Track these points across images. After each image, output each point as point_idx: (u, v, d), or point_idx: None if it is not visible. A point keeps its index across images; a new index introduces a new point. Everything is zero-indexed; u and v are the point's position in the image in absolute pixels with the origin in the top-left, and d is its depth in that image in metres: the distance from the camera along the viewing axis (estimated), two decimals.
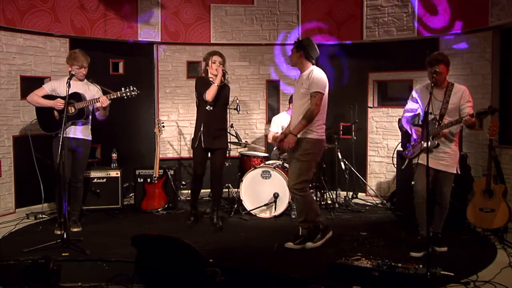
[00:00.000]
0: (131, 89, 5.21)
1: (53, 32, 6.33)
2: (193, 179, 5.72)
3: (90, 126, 5.43)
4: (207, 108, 5.39)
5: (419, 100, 4.66)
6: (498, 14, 5.67)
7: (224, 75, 5.41)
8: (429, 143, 4.12)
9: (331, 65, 7.37)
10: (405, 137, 4.97)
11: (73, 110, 5.14)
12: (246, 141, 6.79)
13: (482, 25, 5.91)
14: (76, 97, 5.14)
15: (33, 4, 6.07)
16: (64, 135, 4.69)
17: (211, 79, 5.41)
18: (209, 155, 5.56)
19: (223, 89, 5.43)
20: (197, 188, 5.73)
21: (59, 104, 5.14)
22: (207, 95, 5.29)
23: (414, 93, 4.74)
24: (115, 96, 5.21)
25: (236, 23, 7.35)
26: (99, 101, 5.15)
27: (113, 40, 6.90)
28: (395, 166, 5.95)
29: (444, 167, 4.50)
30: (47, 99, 5.25)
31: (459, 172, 4.58)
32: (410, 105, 4.75)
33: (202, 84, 5.41)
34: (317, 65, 4.88)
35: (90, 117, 5.41)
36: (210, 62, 5.40)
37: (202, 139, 5.39)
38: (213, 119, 5.42)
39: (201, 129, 5.40)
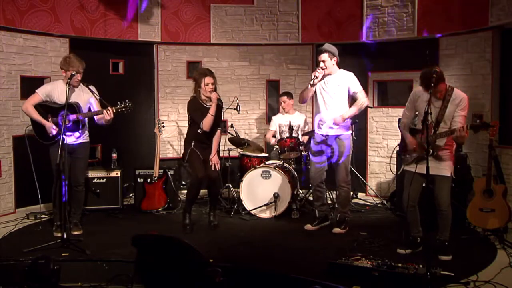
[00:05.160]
0: (127, 104, 5.10)
1: (53, 32, 6.33)
2: (194, 184, 5.37)
3: (87, 130, 5.32)
4: (198, 131, 5.30)
5: (415, 104, 4.54)
6: (498, 14, 5.67)
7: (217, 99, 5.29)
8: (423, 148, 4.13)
9: None
10: (403, 140, 4.93)
11: (67, 122, 4.91)
12: (247, 140, 6.76)
13: (482, 25, 5.91)
14: (71, 108, 4.95)
15: (33, 4, 6.07)
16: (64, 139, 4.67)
17: (204, 101, 5.34)
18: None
19: (216, 110, 5.30)
20: (196, 194, 5.48)
21: (52, 130, 5.02)
22: (204, 126, 5.22)
23: (411, 97, 4.62)
24: (114, 111, 5.08)
25: (236, 23, 7.34)
26: (100, 113, 5.05)
27: (113, 40, 6.90)
28: (391, 169, 5.96)
29: (436, 170, 4.31)
30: (42, 108, 5.11)
31: (453, 176, 4.44)
32: (408, 110, 4.64)
33: (195, 108, 5.32)
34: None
35: (86, 120, 5.29)
36: (202, 84, 5.27)
37: (199, 153, 5.35)
38: (204, 139, 5.38)
39: (192, 145, 5.34)
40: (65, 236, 4.61)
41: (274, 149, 6.73)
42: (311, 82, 5.20)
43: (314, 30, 7.22)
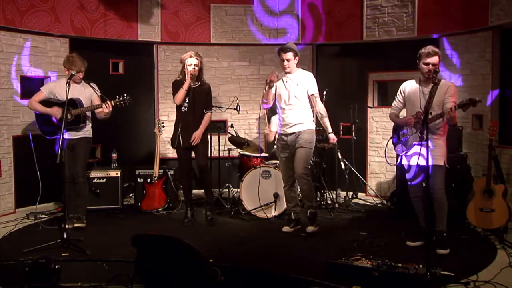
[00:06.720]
0: (125, 97, 5.26)
1: (53, 32, 6.33)
2: (180, 176, 5.82)
3: (90, 124, 5.46)
4: (182, 109, 5.48)
5: (405, 96, 4.79)
6: (498, 14, 5.67)
7: (199, 76, 5.46)
8: (417, 137, 4.42)
9: (331, 65, 7.37)
10: (395, 132, 4.98)
11: (69, 117, 5.13)
12: (247, 140, 6.75)
13: (482, 25, 5.91)
14: (72, 104, 5.13)
15: (33, 4, 6.07)
16: (64, 137, 4.72)
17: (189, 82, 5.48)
18: (192, 154, 5.63)
19: (200, 89, 5.48)
20: (188, 184, 5.71)
21: (57, 114, 5.21)
22: (175, 99, 5.44)
23: (401, 88, 4.87)
24: (112, 105, 5.26)
25: (236, 23, 7.34)
26: (100, 107, 5.22)
27: (113, 40, 6.90)
28: (389, 163, 5.92)
29: (430, 160, 4.41)
30: (45, 104, 5.31)
31: (447, 166, 4.58)
32: (397, 102, 4.90)
33: (176, 87, 5.51)
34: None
35: (90, 116, 5.45)
36: (186, 64, 5.44)
37: (181, 139, 5.48)
38: (190, 119, 5.48)
39: (179, 129, 5.49)
40: (65, 236, 4.61)
41: (274, 148, 6.72)
42: (270, 85, 5.21)
43: (314, 30, 7.22)
